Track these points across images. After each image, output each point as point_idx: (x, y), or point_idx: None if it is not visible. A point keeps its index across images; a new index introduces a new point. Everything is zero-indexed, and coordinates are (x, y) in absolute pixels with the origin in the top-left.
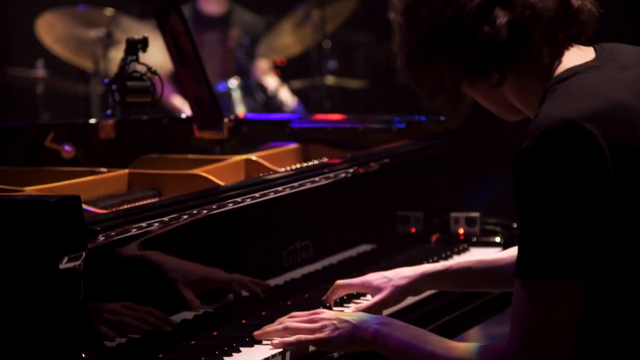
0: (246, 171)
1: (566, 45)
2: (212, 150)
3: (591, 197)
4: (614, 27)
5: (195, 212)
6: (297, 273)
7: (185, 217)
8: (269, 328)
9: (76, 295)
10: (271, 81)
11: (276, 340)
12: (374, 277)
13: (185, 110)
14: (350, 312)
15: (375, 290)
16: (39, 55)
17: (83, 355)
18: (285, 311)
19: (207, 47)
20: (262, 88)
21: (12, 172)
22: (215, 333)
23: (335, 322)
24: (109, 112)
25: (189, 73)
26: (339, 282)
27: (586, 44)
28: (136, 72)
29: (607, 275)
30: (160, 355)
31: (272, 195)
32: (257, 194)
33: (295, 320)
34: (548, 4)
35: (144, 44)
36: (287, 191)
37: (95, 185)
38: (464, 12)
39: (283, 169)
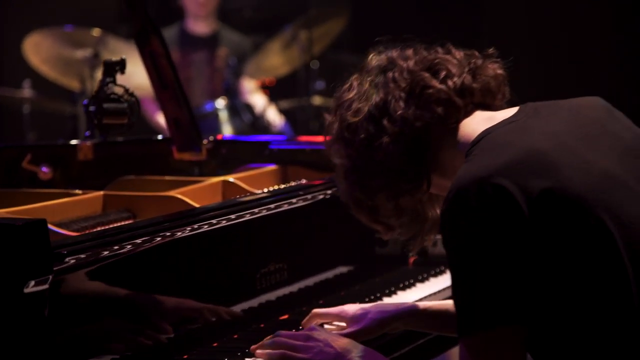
0: (223, 193)
1: (468, 116)
2: (190, 172)
3: (511, 244)
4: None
5: (168, 234)
6: (272, 295)
7: (158, 239)
8: (265, 340)
9: (42, 319)
10: (258, 101)
11: (260, 351)
12: (352, 308)
13: None
14: (341, 338)
15: (351, 320)
16: (26, 75)
17: None
18: (258, 334)
19: (195, 67)
20: (249, 108)
21: None
22: (185, 357)
23: (321, 344)
24: (87, 133)
25: (168, 95)
26: (316, 310)
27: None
28: (113, 94)
29: (544, 317)
30: None
31: (248, 217)
32: (232, 216)
33: (289, 335)
34: (425, 107)
35: (121, 65)
36: (264, 213)
37: (70, 208)
38: (355, 154)
39: (259, 191)
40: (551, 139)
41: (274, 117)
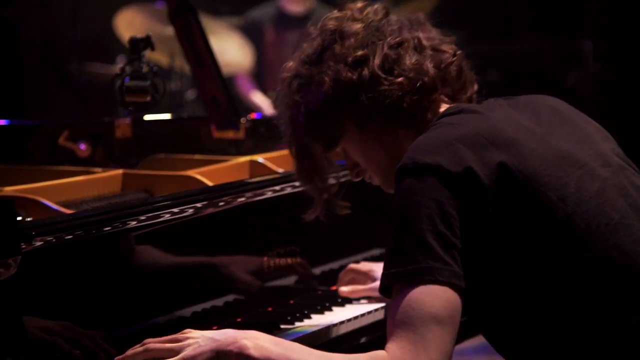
0: (251, 172)
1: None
2: (227, 151)
3: (455, 209)
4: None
5: (150, 215)
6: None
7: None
8: (130, 351)
9: (8, 301)
10: None
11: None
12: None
13: (266, 109)
14: (217, 331)
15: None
16: (120, 51)
17: None
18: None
19: (290, 46)
20: None
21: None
22: None
23: (199, 339)
24: (128, 112)
25: (205, 74)
26: (351, 265)
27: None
28: (136, 72)
29: (489, 294)
30: None
31: (269, 195)
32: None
33: (158, 341)
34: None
35: (147, 42)
36: (289, 190)
37: (87, 186)
38: (356, 79)
39: (282, 170)
40: (510, 120)
41: None
